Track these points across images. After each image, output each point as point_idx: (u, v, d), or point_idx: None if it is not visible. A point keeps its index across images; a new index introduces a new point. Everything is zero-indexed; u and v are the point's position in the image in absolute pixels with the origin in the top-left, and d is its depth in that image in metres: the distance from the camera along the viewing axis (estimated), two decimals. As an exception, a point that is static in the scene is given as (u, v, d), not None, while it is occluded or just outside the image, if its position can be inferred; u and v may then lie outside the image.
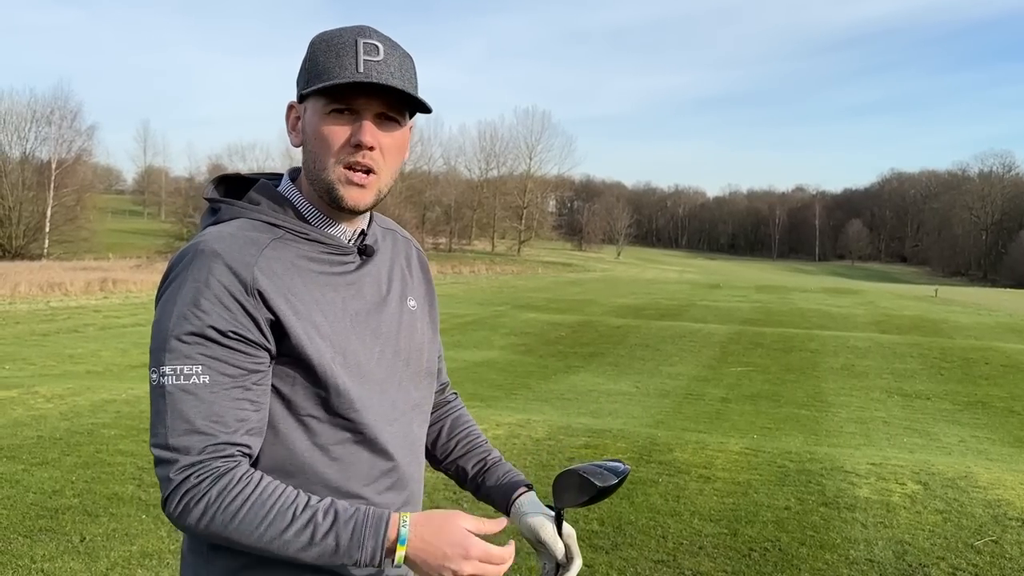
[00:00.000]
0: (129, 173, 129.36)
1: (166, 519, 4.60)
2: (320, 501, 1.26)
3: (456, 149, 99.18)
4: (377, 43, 1.32)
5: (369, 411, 1.37)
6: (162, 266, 46.01)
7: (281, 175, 1.48)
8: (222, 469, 1.24)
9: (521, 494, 1.56)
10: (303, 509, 1.24)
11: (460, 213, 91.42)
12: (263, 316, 1.28)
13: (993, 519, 5.02)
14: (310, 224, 1.40)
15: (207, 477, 1.23)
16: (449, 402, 1.74)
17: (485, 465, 1.64)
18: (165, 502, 1.24)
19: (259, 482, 1.25)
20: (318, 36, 1.37)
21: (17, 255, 55.41)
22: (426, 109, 1.37)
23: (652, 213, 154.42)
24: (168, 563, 4.11)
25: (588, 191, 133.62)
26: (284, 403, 1.33)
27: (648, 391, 11.89)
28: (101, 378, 10.84)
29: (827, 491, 5.47)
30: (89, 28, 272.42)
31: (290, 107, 1.42)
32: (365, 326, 1.40)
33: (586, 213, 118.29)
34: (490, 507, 1.60)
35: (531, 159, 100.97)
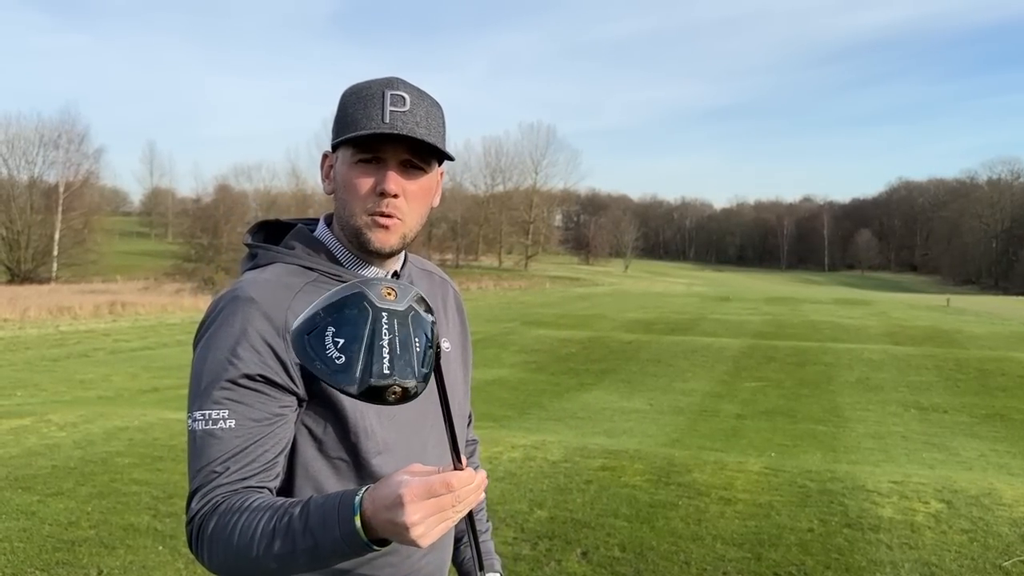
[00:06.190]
0: (136, 195, 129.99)
1: (184, 550, 4.56)
2: (297, 504, 1.15)
3: (462, 165, 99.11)
4: (404, 94, 1.35)
5: (396, 453, 1.37)
6: (170, 287, 46.52)
7: (317, 220, 1.53)
8: (217, 501, 1.21)
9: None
10: (283, 514, 1.14)
11: (466, 229, 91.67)
12: (292, 360, 1.28)
13: (1020, 538, 4.93)
14: (343, 266, 1.42)
15: (207, 515, 1.21)
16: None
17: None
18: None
19: (248, 507, 1.18)
20: (349, 89, 1.40)
21: (26, 279, 55.75)
22: (449, 158, 1.42)
23: (659, 226, 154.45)
24: (186, 597, 4.06)
25: (594, 205, 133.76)
26: (316, 444, 1.33)
27: (662, 408, 11.82)
28: (113, 404, 10.83)
29: (850, 512, 5.39)
30: (95, 52, 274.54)
31: (324, 156, 1.47)
32: None
33: (592, 227, 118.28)
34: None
35: (536, 174, 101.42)
